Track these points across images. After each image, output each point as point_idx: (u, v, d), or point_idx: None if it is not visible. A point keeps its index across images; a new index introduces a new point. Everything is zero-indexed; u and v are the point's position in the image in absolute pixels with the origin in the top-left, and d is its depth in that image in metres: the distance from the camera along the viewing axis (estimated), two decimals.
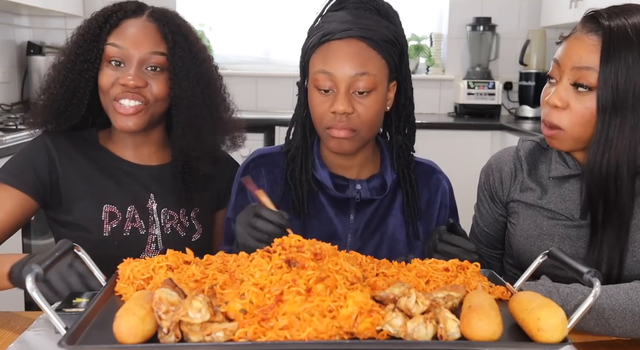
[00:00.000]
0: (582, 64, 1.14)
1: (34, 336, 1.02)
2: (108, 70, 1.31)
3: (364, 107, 1.22)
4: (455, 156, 3.21)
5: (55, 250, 0.92)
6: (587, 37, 1.16)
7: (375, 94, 1.23)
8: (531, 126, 3.41)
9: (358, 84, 1.21)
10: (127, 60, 1.30)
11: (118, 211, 1.37)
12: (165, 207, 1.41)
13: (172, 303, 0.81)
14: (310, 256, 0.89)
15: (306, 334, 0.78)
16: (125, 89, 1.29)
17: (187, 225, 1.42)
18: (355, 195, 1.32)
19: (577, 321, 0.84)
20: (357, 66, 1.21)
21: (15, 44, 3.60)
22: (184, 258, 1.03)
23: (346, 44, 1.22)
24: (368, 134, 1.27)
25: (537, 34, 3.74)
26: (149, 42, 1.31)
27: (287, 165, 1.34)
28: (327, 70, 1.22)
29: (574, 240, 1.26)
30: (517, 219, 1.34)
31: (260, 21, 3.95)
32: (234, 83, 1.53)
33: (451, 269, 1.03)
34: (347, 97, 1.21)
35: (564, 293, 1.06)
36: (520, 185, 1.34)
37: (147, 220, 1.39)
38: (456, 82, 3.90)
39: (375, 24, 1.24)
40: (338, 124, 1.22)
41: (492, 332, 0.79)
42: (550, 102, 1.19)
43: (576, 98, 1.16)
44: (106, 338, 0.80)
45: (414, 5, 3.94)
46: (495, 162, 1.40)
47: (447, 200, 1.40)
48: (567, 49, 1.19)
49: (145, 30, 1.32)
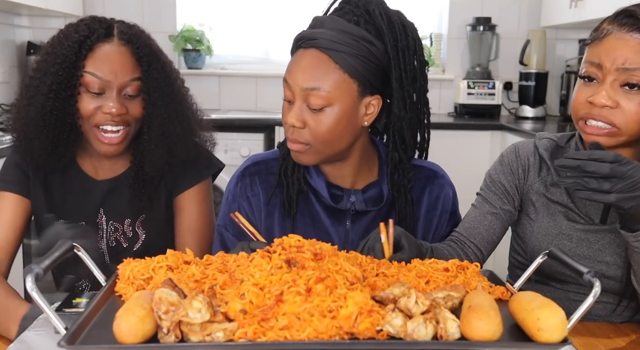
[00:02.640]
0: (629, 65, 1.11)
1: (34, 336, 1.02)
2: (87, 98, 1.29)
3: (315, 122, 1.19)
4: (455, 156, 3.21)
5: (55, 250, 0.92)
6: (629, 36, 1.12)
7: (331, 110, 1.18)
8: (531, 126, 3.41)
9: (309, 98, 1.18)
10: (107, 88, 1.29)
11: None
12: (112, 219, 1.42)
13: (172, 303, 0.81)
14: (310, 256, 0.89)
15: (306, 334, 0.78)
16: (109, 117, 1.29)
17: (130, 235, 1.42)
18: (349, 207, 1.30)
19: (577, 321, 0.84)
20: (309, 80, 1.17)
21: (15, 44, 3.60)
22: (184, 258, 1.03)
23: (307, 55, 1.19)
24: (327, 149, 1.22)
25: (537, 34, 3.74)
26: (126, 70, 1.30)
27: (280, 167, 1.32)
28: (287, 80, 1.21)
29: (591, 243, 1.24)
30: (537, 214, 1.31)
31: (260, 21, 3.95)
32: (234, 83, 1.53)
33: (451, 269, 1.03)
34: (298, 110, 1.19)
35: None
36: (543, 180, 1.31)
37: (96, 236, 1.40)
38: (456, 82, 3.90)
39: (351, 38, 1.17)
40: (290, 137, 1.22)
41: (492, 332, 0.79)
42: (597, 102, 1.14)
43: (626, 97, 1.13)
44: (106, 338, 0.80)
45: (414, 5, 3.93)
46: (521, 149, 1.35)
47: (448, 206, 1.36)
48: (608, 50, 1.14)
49: (120, 56, 1.30)
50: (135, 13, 3.71)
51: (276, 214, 1.32)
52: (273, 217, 1.32)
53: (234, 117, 3.41)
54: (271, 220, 1.32)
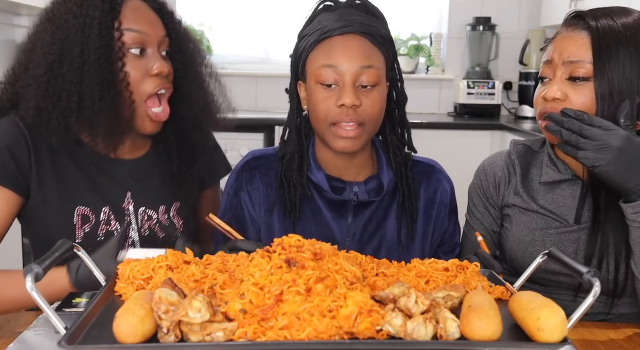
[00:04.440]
0: (574, 58, 1.19)
1: (34, 336, 1.02)
2: (132, 61, 1.17)
3: (370, 100, 1.21)
4: (455, 156, 3.20)
5: (55, 250, 0.91)
6: (575, 34, 1.21)
7: (379, 89, 1.23)
8: (531, 126, 3.41)
9: (363, 77, 1.20)
10: (149, 46, 1.19)
11: (92, 213, 1.24)
12: (143, 206, 1.29)
13: (172, 303, 0.81)
14: (310, 256, 0.89)
15: (306, 334, 0.78)
16: (159, 81, 1.20)
17: (167, 225, 1.32)
18: (352, 198, 1.31)
19: (577, 321, 0.84)
20: (363, 59, 1.20)
21: (15, 44, 3.60)
22: (184, 258, 1.03)
23: (349, 39, 1.22)
24: (374, 130, 1.26)
25: (537, 34, 3.74)
26: (158, 24, 1.22)
27: (283, 169, 1.32)
28: (332, 64, 1.20)
29: (566, 245, 1.27)
30: (511, 224, 1.34)
31: (260, 21, 3.95)
32: (234, 83, 1.52)
33: (451, 269, 1.03)
34: (354, 90, 1.20)
35: None
36: (514, 190, 1.34)
37: (123, 222, 1.27)
38: (456, 82, 3.90)
39: (372, 21, 1.24)
40: (346, 118, 1.20)
41: (492, 332, 0.79)
42: (548, 96, 1.21)
43: (574, 89, 1.19)
44: (106, 338, 0.80)
45: (414, 5, 3.93)
46: (489, 166, 1.40)
47: (447, 200, 1.38)
48: (556, 48, 1.23)
49: (148, 11, 1.22)
50: None
51: (276, 210, 1.33)
52: (273, 213, 1.33)
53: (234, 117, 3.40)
54: (271, 216, 1.33)
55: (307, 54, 1.25)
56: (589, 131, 1.11)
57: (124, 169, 1.29)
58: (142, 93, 1.20)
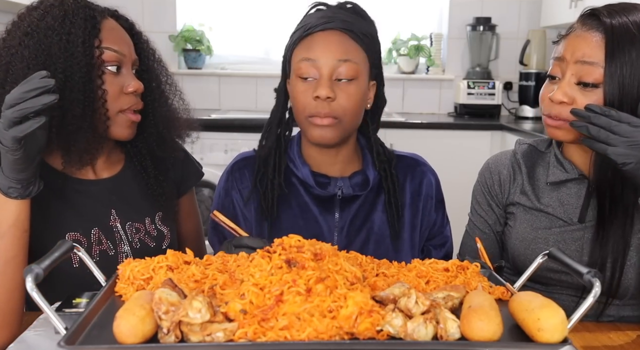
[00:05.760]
0: (586, 59, 1.17)
1: (34, 336, 1.02)
2: (109, 78, 1.19)
3: (346, 94, 1.23)
4: (455, 156, 3.21)
5: (55, 250, 0.92)
6: (589, 34, 1.18)
7: (357, 83, 1.24)
8: (531, 126, 3.41)
9: (340, 70, 1.22)
10: (123, 65, 1.22)
11: (82, 237, 1.24)
12: (129, 220, 1.31)
13: (172, 303, 0.81)
14: (310, 256, 0.89)
15: (306, 334, 0.78)
16: (134, 99, 1.23)
17: (154, 234, 1.34)
18: (337, 191, 1.33)
19: (577, 321, 0.84)
20: (341, 53, 1.23)
21: None
22: (184, 258, 1.03)
23: (329, 34, 1.24)
24: (350, 124, 1.27)
25: (537, 34, 3.74)
26: (129, 43, 1.26)
27: (258, 170, 1.34)
28: (310, 58, 1.23)
29: (568, 244, 1.27)
30: (514, 221, 1.34)
31: (260, 21, 3.95)
32: (234, 83, 1.53)
33: (451, 269, 1.03)
34: (329, 83, 1.22)
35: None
36: (520, 188, 1.34)
37: (113, 239, 1.28)
38: (456, 82, 3.90)
39: (356, 19, 1.26)
40: (321, 112, 1.23)
41: (492, 332, 0.79)
42: (555, 98, 1.20)
43: (582, 94, 1.18)
44: (106, 338, 0.80)
45: (414, 5, 3.93)
46: (493, 164, 1.40)
47: (432, 192, 1.40)
48: (568, 45, 1.21)
49: (121, 31, 1.25)
50: (135, 13, 3.66)
51: (252, 212, 1.35)
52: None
53: (234, 117, 3.40)
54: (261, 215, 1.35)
55: (290, 52, 1.29)
56: (619, 127, 1.08)
57: (103, 187, 1.31)
58: (116, 109, 1.22)
